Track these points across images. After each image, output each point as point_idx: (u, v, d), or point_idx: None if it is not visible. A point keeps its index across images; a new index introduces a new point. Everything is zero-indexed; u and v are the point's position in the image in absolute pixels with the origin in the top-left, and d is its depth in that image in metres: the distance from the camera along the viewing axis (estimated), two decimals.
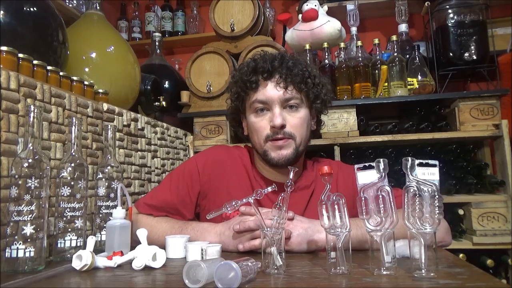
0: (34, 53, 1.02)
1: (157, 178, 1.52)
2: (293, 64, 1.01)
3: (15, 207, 0.75)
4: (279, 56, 1.03)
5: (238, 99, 1.07)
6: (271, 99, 0.99)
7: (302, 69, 1.01)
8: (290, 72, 0.99)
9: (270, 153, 1.00)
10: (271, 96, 0.99)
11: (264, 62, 1.01)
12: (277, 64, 1.00)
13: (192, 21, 2.60)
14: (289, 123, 0.99)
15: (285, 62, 1.01)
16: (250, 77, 1.01)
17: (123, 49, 1.50)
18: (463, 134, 1.70)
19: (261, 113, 1.01)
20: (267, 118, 1.00)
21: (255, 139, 1.04)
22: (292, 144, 1.00)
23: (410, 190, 0.66)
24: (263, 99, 1.00)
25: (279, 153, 0.99)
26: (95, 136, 1.14)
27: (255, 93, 1.01)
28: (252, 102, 1.02)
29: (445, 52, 1.85)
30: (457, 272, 0.66)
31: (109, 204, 0.96)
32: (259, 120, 1.02)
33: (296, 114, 1.01)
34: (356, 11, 2.09)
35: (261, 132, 1.01)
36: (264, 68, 1.00)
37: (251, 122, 1.04)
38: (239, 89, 1.05)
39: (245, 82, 1.02)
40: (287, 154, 0.99)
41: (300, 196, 1.05)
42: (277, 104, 0.99)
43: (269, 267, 0.70)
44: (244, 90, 1.03)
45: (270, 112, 1.00)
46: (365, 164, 0.71)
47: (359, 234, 0.85)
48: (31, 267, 0.75)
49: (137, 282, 0.68)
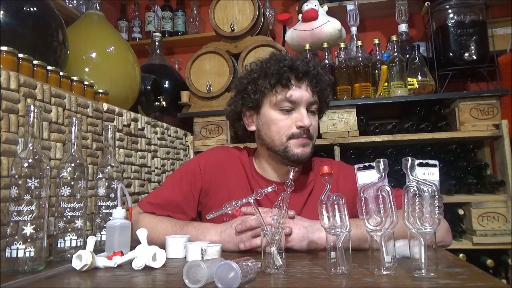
0: (34, 53, 1.02)
1: (157, 178, 1.52)
2: (321, 71, 1.06)
3: (15, 207, 0.75)
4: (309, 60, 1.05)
5: (257, 92, 1.03)
6: (301, 100, 1.01)
7: (325, 78, 1.06)
8: (321, 78, 1.04)
9: (293, 149, 1.01)
10: (301, 96, 1.01)
11: (300, 62, 1.02)
12: (311, 68, 1.03)
13: (192, 21, 2.60)
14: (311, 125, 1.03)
15: (316, 67, 1.04)
16: (284, 73, 1.00)
17: (123, 49, 1.51)
18: (463, 134, 1.70)
19: (287, 112, 1.02)
20: (293, 117, 1.02)
21: (273, 135, 1.03)
22: (311, 144, 1.04)
23: (410, 190, 0.66)
24: (294, 98, 1.00)
25: (303, 149, 1.02)
26: (95, 136, 1.14)
27: (287, 90, 1.00)
28: (280, 99, 1.01)
29: (445, 52, 1.85)
30: (457, 272, 0.66)
31: (109, 204, 0.96)
32: (284, 118, 1.02)
33: (315, 117, 1.06)
34: (356, 11, 2.09)
35: (284, 130, 1.02)
36: (301, 68, 1.01)
37: (274, 118, 1.02)
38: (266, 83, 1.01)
39: (277, 76, 1.00)
40: (308, 152, 1.03)
41: (300, 194, 1.06)
42: (304, 106, 1.02)
43: (269, 267, 0.70)
44: (274, 85, 1.01)
45: (295, 112, 1.02)
46: (365, 164, 0.71)
47: (359, 233, 0.86)
48: (31, 267, 0.75)
49: (137, 282, 0.68)
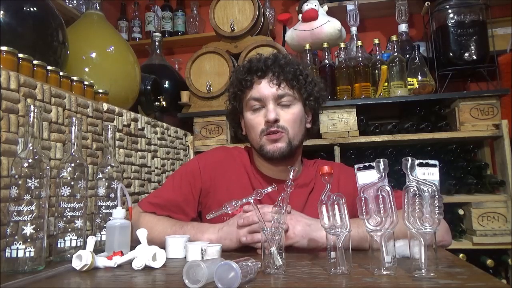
0: (34, 53, 1.02)
1: (157, 178, 1.52)
2: (285, 63, 1.06)
3: (15, 207, 0.75)
4: (272, 56, 1.09)
5: (236, 99, 1.12)
6: (265, 96, 1.04)
7: (294, 67, 1.06)
8: (283, 70, 1.04)
9: (266, 147, 1.04)
10: (265, 93, 1.04)
11: (258, 61, 1.07)
12: (270, 62, 1.06)
13: (192, 21, 2.60)
14: (282, 118, 1.04)
15: (277, 61, 1.06)
16: (245, 76, 1.07)
17: (123, 49, 1.51)
18: (463, 134, 1.70)
19: (257, 110, 1.06)
20: (262, 114, 1.05)
21: (252, 135, 1.08)
22: (285, 137, 1.04)
23: (410, 190, 0.66)
24: (258, 96, 1.05)
25: (274, 145, 1.03)
26: (95, 136, 1.14)
27: (250, 91, 1.07)
28: (247, 100, 1.07)
29: (445, 52, 1.85)
30: (457, 272, 0.66)
31: (109, 204, 0.96)
32: (254, 117, 1.06)
33: (289, 110, 1.05)
34: (356, 11, 2.09)
35: (257, 128, 1.05)
36: (258, 67, 1.06)
37: (247, 119, 1.09)
38: (235, 89, 1.11)
39: (241, 81, 1.08)
40: (281, 147, 1.03)
41: (299, 193, 1.06)
42: (271, 101, 1.04)
43: (269, 267, 0.70)
44: (240, 89, 1.09)
45: (265, 108, 1.05)
46: (365, 164, 0.71)
47: (360, 232, 0.86)
48: (31, 267, 0.75)
49: (137, 282, 0.68)
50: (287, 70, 1.04)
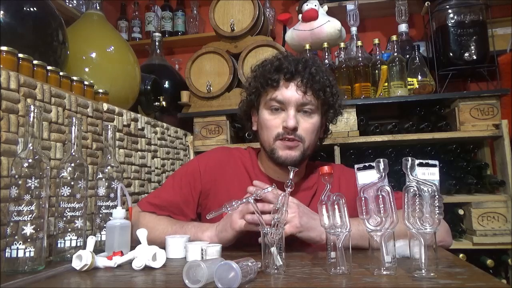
0: (34, 53, 1.01)
1: (157, 178, 1.52)
2: (316, 71, 1.02)
3: (15, 207, 0.75)
4: (303, 60, 1.05)
5: (255, 94, 1.07)
6: (289, 100, 1.00)
7: (323, 77, 1.02)
8: (312, 78, 1.00)
9: (278, 152, 1.01)
10: (289, 97, 1.00)
11: (289, 63, 1.02)
12: (301, 67, 1.01)
13: (192, 21, 2.60)
14: (301, 127, 1.01)
15: (308, 67, 1.02)
16: (273, 75, 1.02)
17: (123, 49, 1.50)
18: (463, 134, 1.70)
19: (276, 112, 1.03)
20: (281, 117, 1.01)
21: (264, 136, 1.05)
22: (300, 147, 1.01)
23: (410, 190, 0.66)
24: (281, 99, 1.01)
25: (287, 152, 1.01)
26: (95, 136, 1.14)
27: (275, 91, 1.02)
28: (269, 99, 1.03)
29: (445, 52, 1.85)
30: (457, 272, 0.66)
31: (109, 204, 0.96)
32: (272, 118, 1.03)
33: (309, 119, 1.02)
34: (356, 11, 2.09)
35: (272, 130, 1.02)
36: (288, 68, 1.01)
37: (263, 118, 1.05)
38: (258, 84, 1.05)
39: (267, 79, 1.03)
40: (295, 156, 1.01)
41: (303, 197, 1.06)
42: (293, 106, 1.00)
43: (269, 267, 0.70)
44: (264, 86, 1.04)
45: (285, 112, 1.01)
46: (365, 164, 0.71)
47: (360, 230, 0.85)
48: (31, 267, 0.75)
49: (137, 282, 0.68)
50: (316, 79, 1.01)
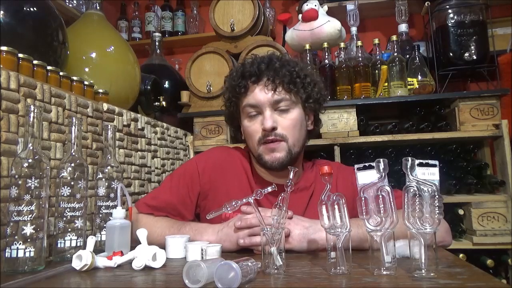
0: (34, 53, 1.02)
1: (157, 178, 1.52)
2: (280, 65, 1.00)
3: (15, 207, 0.75)
4: (266, 58, 1.03)
5: (232, 105, 1.08)
6: (261, 102, 0.99)
7: (290, 70, 1.00)
8: (277, 74, 0.98)
9: (264, 156, 1.01)
10: (260, 99, 0.99)
11: (251, 66, 1.01)
12: (264, 66, 1.00)
13: (192, 21, 2.60)
14: (281, 125, 0.99)
15: (272, 64, 1.00)
16: (239, 82, 1.02)
17: (123, 49, 1.50)
18: (463, 134, 1.70)
19: (254, 117, 1.02)
20: (259, 121, 1.00)
21: (249, 143, 1.05)
22: (284, 146, 0.99)
23: (410, 190, 0.66)
24: (253, 103, 1.00)
25: (272, 155, 0.99)
26: (95, 136, 1.14)
27: (245, 97, 1.02)
28: (243, 106, 1.03)
29: (445, 52, 1.85)
30: (457, 272, 0.66)
31: (109, 204, 0.96)
32: (251, 124, 1.02)
33: (287, 115, 1.00)
34: (356, 11, 2.09)
35: (254, 136, 1.01)
36: (251, 72, 1.00)
37: (244, 127, 1.05)
38: (230, 94, 1.06)
39: (234, 87, 1.03)
40: (281, 157, 0.99)
41: (300, 197, 1.06)
42: (267, 107, 0.99)
43: (269, 267, 0.70)
44: (235, 95, 1.04)
45: (262, 115, 1.00)
46: (365, 164, 0.71)
47: (360, 232, 0.85)
48: (31, 267, 0.75)
49: (137, 282, 0.68)
50: (282, 73, 0.98)
